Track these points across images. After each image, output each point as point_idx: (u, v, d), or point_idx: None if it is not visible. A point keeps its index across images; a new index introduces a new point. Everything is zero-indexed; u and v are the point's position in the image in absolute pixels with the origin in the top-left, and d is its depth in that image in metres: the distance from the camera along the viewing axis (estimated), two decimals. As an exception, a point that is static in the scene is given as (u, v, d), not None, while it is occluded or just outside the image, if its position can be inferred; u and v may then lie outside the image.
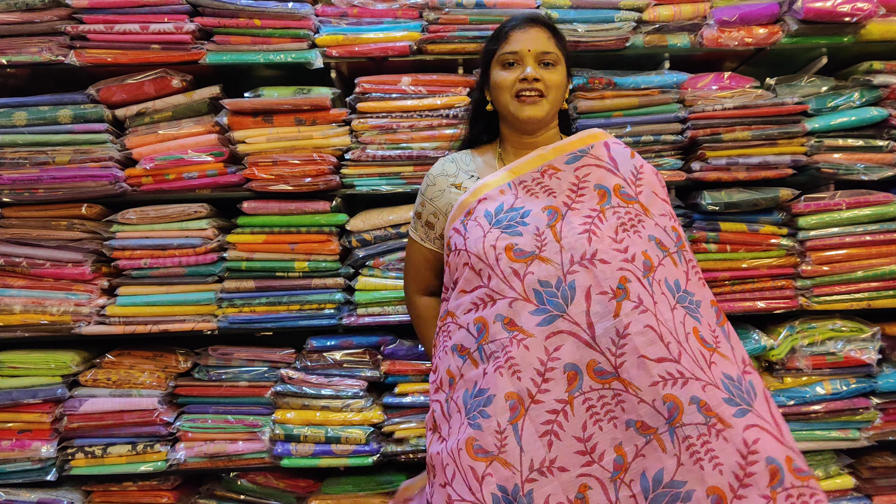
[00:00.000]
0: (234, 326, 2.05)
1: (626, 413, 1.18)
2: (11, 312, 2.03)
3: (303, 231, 2.06)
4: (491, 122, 1.55)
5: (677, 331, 1.22)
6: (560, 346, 1.22)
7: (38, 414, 2.02)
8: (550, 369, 1.22)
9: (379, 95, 2.06)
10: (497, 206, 1.37)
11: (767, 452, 1.09)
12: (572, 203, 1.34)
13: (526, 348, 1.23)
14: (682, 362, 1.17)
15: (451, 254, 1.41)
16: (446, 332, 1.38)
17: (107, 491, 2.12)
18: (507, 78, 1.41)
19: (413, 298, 1.61)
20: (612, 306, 1.22)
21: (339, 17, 2.07)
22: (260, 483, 2.16)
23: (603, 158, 1.41)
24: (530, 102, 1.40)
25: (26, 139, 1.99)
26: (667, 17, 2.05)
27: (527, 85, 1.39)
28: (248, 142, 2.04)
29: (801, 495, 1.08)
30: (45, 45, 1.97)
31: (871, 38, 2.06)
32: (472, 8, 2.03)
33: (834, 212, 2.08)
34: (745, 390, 1.18)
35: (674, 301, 1.26)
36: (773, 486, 1.07)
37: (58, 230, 2.03)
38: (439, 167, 1.52)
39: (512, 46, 1.40)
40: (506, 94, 1.41)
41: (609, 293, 1.23)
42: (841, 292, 2.09)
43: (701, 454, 1.12)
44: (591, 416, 1.19)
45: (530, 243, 1.30)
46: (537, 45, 1.39)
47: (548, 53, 1.40)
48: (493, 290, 1.29)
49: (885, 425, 2.11)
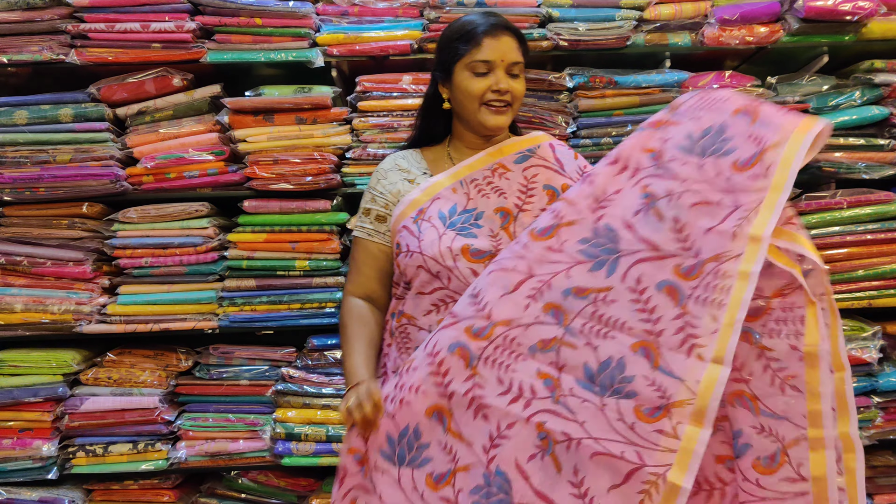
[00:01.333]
0: (234, 325, 2.05)
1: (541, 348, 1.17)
2: (13, 311, 2.03)
3: (303, 230, 2.06)
4: (443, 120, 1.53)
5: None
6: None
7: (40, 413, 2.02)
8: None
9: (380, 94, 2.06)
10: (451, 207, 1.38)
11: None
12: (523, 205, 1.38)
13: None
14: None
15: (401, 254, 1.39)
16: (404, 335, 1.38)
17: (108, 490, 2.12)
18: (477, 86, 1.39)
19: (345, 299, 1.48)
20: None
21: (339, 15, 2.07)
22: (261, 482, 2.16)
23: (549, 159, 1.45)
24: (498, 113, 1.41)
25: (27, 138, 1.99)
26: (668, 15, 2.05)
27: (497, 96, 1.40)
28: (248, 140, 2.04)
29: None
30: (45, 43, 1.97)
31: (872, 37, 2.06)
32: (472, 7, 2.03)
33: (835, 211, 2.08)
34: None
35: None
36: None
37: (59, 229, 2.03)
38: (390, 162, 1.51)
39: (485, 55, 1.38)
40: (474, 102, 1.40)
41: None
42: (842, 291, 2.09)
43: (602, 328, 1.14)
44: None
45: (486, 244, 1.32)
46: (509, 55, 1.39)
47: (516, 64, 1.41)
48: (455, 292, 1.30)
49: (885, 424, 2.11)
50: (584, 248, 1.18)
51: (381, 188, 1.47)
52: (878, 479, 2.16)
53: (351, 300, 1.46)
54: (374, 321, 1.44)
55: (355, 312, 1.44)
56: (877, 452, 2.18)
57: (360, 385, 1.27)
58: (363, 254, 1.47)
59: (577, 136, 2.07)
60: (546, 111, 2.06)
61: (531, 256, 1.21)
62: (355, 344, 1.39)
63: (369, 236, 1.47)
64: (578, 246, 1.18)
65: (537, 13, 2.03)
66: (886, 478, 2.16)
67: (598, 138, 2.05)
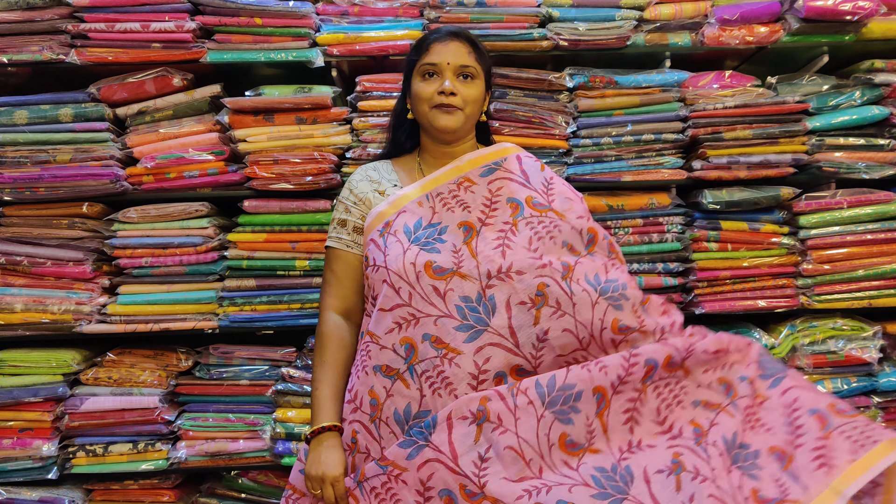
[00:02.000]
0: (234, 325, 2.05)
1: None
2: (13, 311, 2.03)
3: (304, 230, 2.06)
4: (412, 131, 1.58)
5: (594, 325, 1.30)
6: (489, 357, 1.28)
7: (40, 412, 2.02)
8: (482, 381, 1.27)
9: (380, 94, 2.06)
10: (416, 222, 1.40)
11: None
12: (486, 219, 1.40)
13: (457, 366, 1.27)
14: (588, 349, 1.31)
15: (369, 268, 1.41)
16: (366, 353, 1.38)
17: (108, 489, 2.12)
18: (425, 89, 1.45)
19: (325, 315, 1.48)
20: (532, 315, 1.29)
21: (339, 15, 2.07)
22: (261, 481, 2.16)
23: (515, 172, 1.47)
24: (446, 114, 1.44)
25: (27, 138, 1.99)
26: (668, 15, 2.05)
27: (444, 98, 1.43)
28: (248, 140, 2.04)
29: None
30: (45, 43, 1.97)
31: (872, 37, 2.06)
32: (473, 6, 2.03)
33: (835, 210, 2.08)
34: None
35: (596, 295, 1.31)
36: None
37: (59, 229, 2.03)
38: (362, 174, 1.54)
39: (432, 58, 1.44)
40: (424, 104, 1.45)
41: (528, 302, 1.30)
42: (842, 291, 2.09)
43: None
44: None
45: (448, 260, 1.34)
46: (457, 58, 1.43)
47: (466, 67, 1.44)
48: (416, 309, 1.32)
49: (885, 424, 2.11)
50: (598, 475, 1.18)
51: (355, 198, 1.49)
52: (878, 479, 2.16)
53: (331, 317, 1.47)
54: (351, 344, 1.46)
55: (336, 335, 1.45)
56: (877, 452, 2.18)
57: (325, 476, 1.32)
58: (342, 266, 1.48)
59: (577, 136, 2.07)
60: (546, 111, 2.06)
61: (548, 461, 1.21)
62: (329, 373, 1.42)
63: (348, 248, 1.48)
64: (592, 471, 1.19)
65: (537, 13, 2.03)
66: (886, 478, 2.16)
67: (598, 138, 2.05)
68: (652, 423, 1.23)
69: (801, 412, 1.21)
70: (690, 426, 1.23)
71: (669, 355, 1.24)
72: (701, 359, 1.26)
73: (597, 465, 1.19)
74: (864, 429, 1.16)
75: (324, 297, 1.50)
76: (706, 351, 1.26)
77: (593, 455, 1.20)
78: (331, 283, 1.49)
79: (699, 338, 1.30)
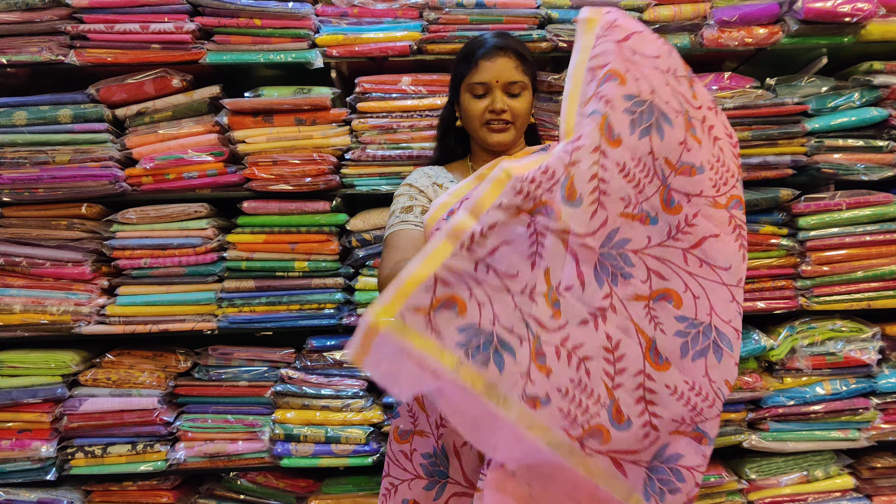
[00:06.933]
0: (233, 326, 2.05)
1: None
2: (11, 312, 2.03)
3: (303, 231, 2.06)
4: (462, 136, 1.60)
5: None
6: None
7: (38, 413, 2.02)
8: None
9: (379, 95, 2.06)
10: None
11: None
12: None
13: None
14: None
15: None
16: None
17: (106, 490, 2.12)
18: (476, 107, 1.47)
19: (393, 264, 1.35)
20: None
21: (339, 16, 2.07)
22: (260, 483, 2.16)
23: None
24: (498, 131, 1.46)
25: (26, 139, 1.99)
26: (667, 17, 2.05)
27: (495, 116, 1.45)
28: (248, 141, 2.04)
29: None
30: (45, 44, 1.97)
31: (871, 39, 2.06)
32: (472, 8, 2.03)
33: (834, 212, 2.08)
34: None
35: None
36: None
37: (58, 230, 2.03)
38: (419, 172, 1.55)
39: (481, 76, 1.45)
40: (475, 122, 1.48)
41: None
42: (841, 292, 2.09)
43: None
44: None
45: None
46: (504, 75, 1.44)
47: (514, 83, 1.45)
48: None
49: (885, 425, 2.11)
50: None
51: (416, 190, 1.49)
52: (877, 481, 2.16)
53: (393, 265, 1.35)
54: None
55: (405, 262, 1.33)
56: (876, 454, 2.18)
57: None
58: (406, 239, 1.41)
59: (577, 138, 2.06)
60: (545, 112, 2.06)
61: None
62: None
63: (416, 226, 1.43)
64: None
65: (536, 14, 2.03)
66: (886, 479, 2.16)
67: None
68: None
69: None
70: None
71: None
72: None
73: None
74: None
75: (384, 264, 1.41)
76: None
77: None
78: (390, 254, 1.42)
79: None
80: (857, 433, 2.11)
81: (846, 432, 2.11)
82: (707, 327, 1.16)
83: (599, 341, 1.10)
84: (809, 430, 2.10)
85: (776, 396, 2.08)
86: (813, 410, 2.08)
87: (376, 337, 1.02)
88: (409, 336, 1.03)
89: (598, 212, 1.10)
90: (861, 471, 2.17)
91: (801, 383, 2.10)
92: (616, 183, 1.11)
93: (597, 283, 1.11)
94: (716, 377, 1.15)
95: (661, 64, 1.22)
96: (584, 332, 1.09)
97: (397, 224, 1.45)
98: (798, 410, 2.08)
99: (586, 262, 1.10)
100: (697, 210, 1.19)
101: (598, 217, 1.10)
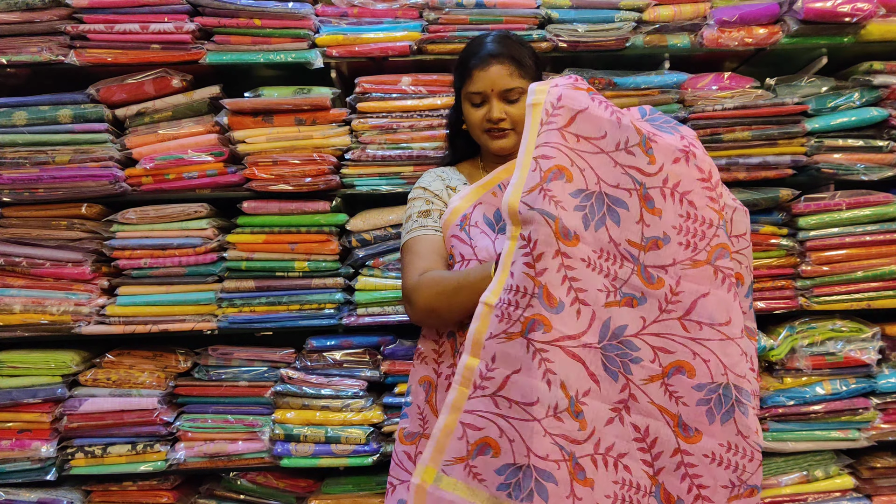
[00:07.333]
0: (233, 326, 2.05)
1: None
2: (11, 312, 2.03)
3: (303, 231, 2.06)
4: (470, 137, 1.60)
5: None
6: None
7: (38, 414, 2.02)
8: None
9: (379, 95, 2.06)
10: (495, 212, 1.41)
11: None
12: None
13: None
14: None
15: (456, 264, 1.40)
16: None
17: (106, 491, 2.12)
18: (475, 116, 1.47)
19: (421, 274, 1.39)
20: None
21: (339, 16, 2.07)
22: (260, 483, 2.16)
23: None
24: (499, 137, 1.47)
25: (26, 139, 1.99)
26: (667, 17, 2.05)
27: (493, 125, 1.45)
28: (248, 142, 2.04)
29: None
30: (45, 44, 1.97)
31: (871, 39, 2.06)
32: (472, 8, 2.03)
33: (834, 212, 2.08)
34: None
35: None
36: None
37: (58, 230, 2.03)
38: (431, 174, 1.56)
39: (476, 86, 1.45)
40: (476, 129, 1.49)
41: None
42: (841, 292, 2.09)
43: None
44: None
45: None
46: (499, 83, 1.43)
47: (511, 90, 1.44)
48: None
49: (884, 425, 2.11)
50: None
51: (430, 194, 1.50)
52: (877, 481, 2.16)
53: (420, 274, 1.37)
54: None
55: (435, 273, 1.36)
56: (876, 454, 2.18)
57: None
58: (427, 245, 1.42)
59: (577, 138, 2.07)
60: (545, 112, 2.05)
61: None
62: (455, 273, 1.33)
63: (436, 232, 1.44)
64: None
65: (536, 14, 2.03)
66: (886, 479, 2.16)
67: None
68: None
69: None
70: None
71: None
72: None
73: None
74: None
75: (408, 274, 1.41)
76: None
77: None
78: (413, 261, 1.42)
79: None
80: (856, 433, 2.11)
81: (846, 432, 2.10)
82: (726, 388, 1.17)
83: (629, 434, 1.13)
84: (809, 430, 2.10)
85: (776, 396, 2.08)
86: (813, 410, 2.08)
87: (426, 496, 1.08)
88: (456, 489, 1.08)
89: (581, 310, 1.13)
90: (861, 471, 2.17)
91: (800, 383, 2.10)
92: (588, 278, 1.14)
93: (610, 377, 1.14)
94: (748, 431, 1.16)
95: (607, 143, 1.22)
96: (612, 432, 1.12)
97: (417, 229, 1.46)
98: (798, 410, 2.08)
99: (593, 361, 1.13)
100: (678, 276, 1.19)
101: (584, 315, 1.13)
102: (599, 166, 1.20)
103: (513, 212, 1.17)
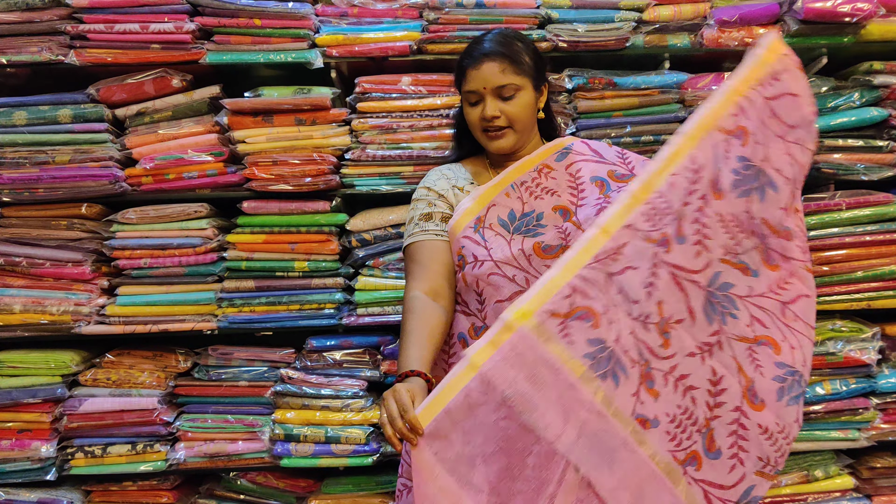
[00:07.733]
0: (233, 326, 2.05)
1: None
2: (11, 312, 2.03)
3: (303, 231, 2.05)
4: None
5: None
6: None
7: (38, 413, 2.02)
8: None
9: (379, 95, 2.06)
10: (509, 213, 1.41)
11: None
12: (578, 201, 1.41)
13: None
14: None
15: (468, 265, 1.39)
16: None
17: (106, 491, 2.12)
18: (472, 115, 1.47)
19: (408, 295, 1.38)
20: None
21: (339, 16, 2.07)
22: (260, 483, 2.16)
23: (587, 152, 1.49)
24: (496, 137, 1.46)
25: (26, 139, 1.99)
26: (667, 17, 2.05)
27: (488, 123, 1.44)
28: (248, 141, 2.04)
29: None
30: (45, 44, 1.97)
31: (871, 39, 2.06)
32: (472, 8, 2.03)
33: (834, 212, 2.08)
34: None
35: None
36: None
37: (58, 230, 2.03)
38: (437, 173, 1.54)
39: (469, 86, 1.45)
40: (475, 129, 1.48)
41: None
42: (841, 292, 2.09)
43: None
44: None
45: (555, 237, 1.36)
46: (492, 81, 1.42)
47: (504, 87, 1.42)
48: None
49: (884, 425, 2.11)
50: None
51: (435, 195, 1.48)
52: (877, 481, 2.16)
53: (412, 294, 1.37)
54: (435, 314, 1.34)
55: (417, 306, 1.34)
56: (876, 453, 2.18)
57: (398, 385, 1.15)
58: (427, 252, 1.42)
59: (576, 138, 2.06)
60: (545, 112, 2.05)
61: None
62: (410, 338, 1.29)
63: (437, 236, 1.44)
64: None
65: (536, 14, 2.03)
66: (886, 479, 2.16)
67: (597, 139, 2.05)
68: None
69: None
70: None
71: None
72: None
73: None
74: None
75: (408, 285, 1.40)
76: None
77: None
78: (414, 271, 1.42)
79: None
80: (856, 433, 2.11)
81: (846, 432, 2.11)
82: (802, 378, 1.24)
83: (705, 374, 1.17)
84: (809, 430, 2.10)
85: (776, 396, 2.08)
86: (813, 410, 2.08)
87: (511, 334, 1.08)
88: (542, 338, 1.09)
89: (701, 253, 1.19)
90: (861, 471, 2.17)
91: (800, 383, 2.10)
92: (715, 230, 1.20)
93: (706, 319, 1.19)
94: (800, 423, 1.24)
95: (793, 136, 1.29)
96: (691, 365, 1.17)
97: (418, 233, 1.45)
98: (798, 410, 2.08)
99: (696, 298, 1.18)
100: (793, 271, 1.28)
101: (702, 258, 1.19)
102: (773, 150, 1.27)
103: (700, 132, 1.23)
